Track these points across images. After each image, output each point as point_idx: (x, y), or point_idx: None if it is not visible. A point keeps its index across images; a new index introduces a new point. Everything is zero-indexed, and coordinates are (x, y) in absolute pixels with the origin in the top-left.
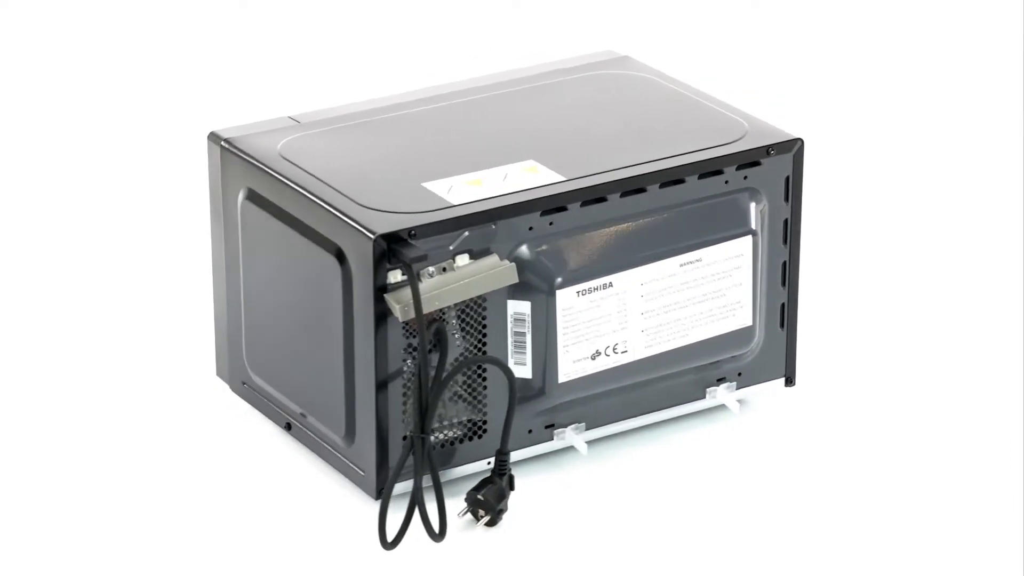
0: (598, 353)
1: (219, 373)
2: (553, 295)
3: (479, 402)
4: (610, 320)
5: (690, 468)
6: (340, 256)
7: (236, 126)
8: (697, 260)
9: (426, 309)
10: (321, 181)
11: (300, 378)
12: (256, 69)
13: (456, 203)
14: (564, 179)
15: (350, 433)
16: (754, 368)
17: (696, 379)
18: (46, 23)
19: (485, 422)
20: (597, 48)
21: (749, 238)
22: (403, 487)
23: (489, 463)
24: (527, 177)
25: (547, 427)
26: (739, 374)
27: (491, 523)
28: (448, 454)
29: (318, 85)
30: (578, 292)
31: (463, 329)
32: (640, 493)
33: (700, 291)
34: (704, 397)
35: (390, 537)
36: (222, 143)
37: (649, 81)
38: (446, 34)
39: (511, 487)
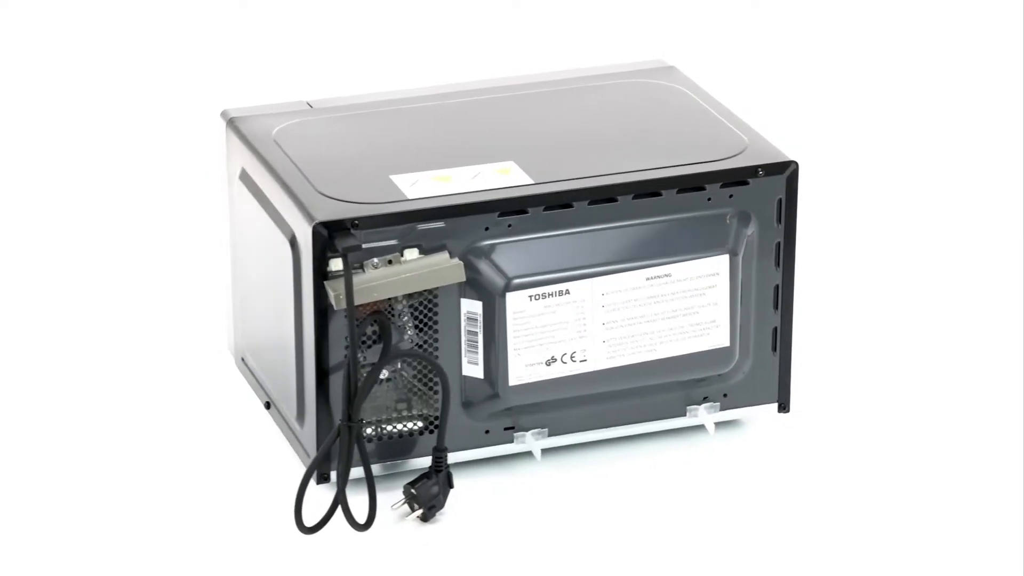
0: (553, 359)
1: (229, 347)
2: (503, 297)
3: (433, 397)
4: (567, 327)
5: (650, 486)
6: (293, 241)
7: (249, 106)
8: (666, 275)
9: (365, 300)
10: (296, 166)
11: (271, 360)
12: (308, 55)
13: (412, 197)
14: (532, 182)
15: (300, 417)
16: (742, 391)
17: (676, 396)
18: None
19: (437, 417)
20: (648, 57)
21: (725, 257)
22: (355, 472)
23: None
24: (496, 177)
25: (506, 429)
26: (725, 395)
27: (424, 518)
28: (405, 445)
29: (366, 73)
30: (531, 296)
31: (416, 325)
32: (588, 506)
33: (670, 307)
34: (685, 415)
35: (313, 522)
36: (227, 122)
37: (677, 92)
38: (498, 33)
39: (450, 484)
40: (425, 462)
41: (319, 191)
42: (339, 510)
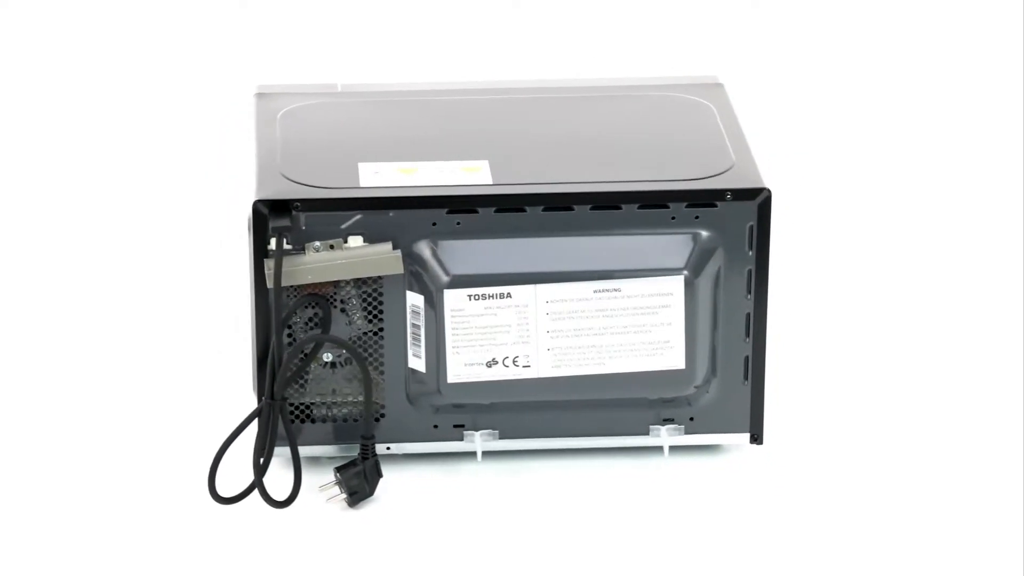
0: (495, 362)
1: None
2: (442, 294)
3: (382, 384)
4: (509, 331)
5: (587, 501)
6: (250, 219)
7: (280, 84)
8: (615, 290)
9: (298, 281)
10: (277, 146)
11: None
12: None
13: (364, 185)
14: (491, 183)
15: (256, 391)
16: (710, 417)
17: (638, 414)
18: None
19: (383, 406)
20: (704, 72)
21: (680, 278)
22: (314, 451)
23: (389, 448)
24: (461, 175)
25: (456, 426)
26: (691, 419)
27: (350, 503)
28: (350, 431)
29: (432, 64)
30: (470, 296)
31: (365, 315)
32: (517, 511)
33: (619, 322)
34: (648, 434)
35: (230, 493)
36: (254, 98)
37: (701, 109)
38: (568, 38)
39: (378, 473)
40: (379, 447)
41: (281, 171)
42: (255, 486)
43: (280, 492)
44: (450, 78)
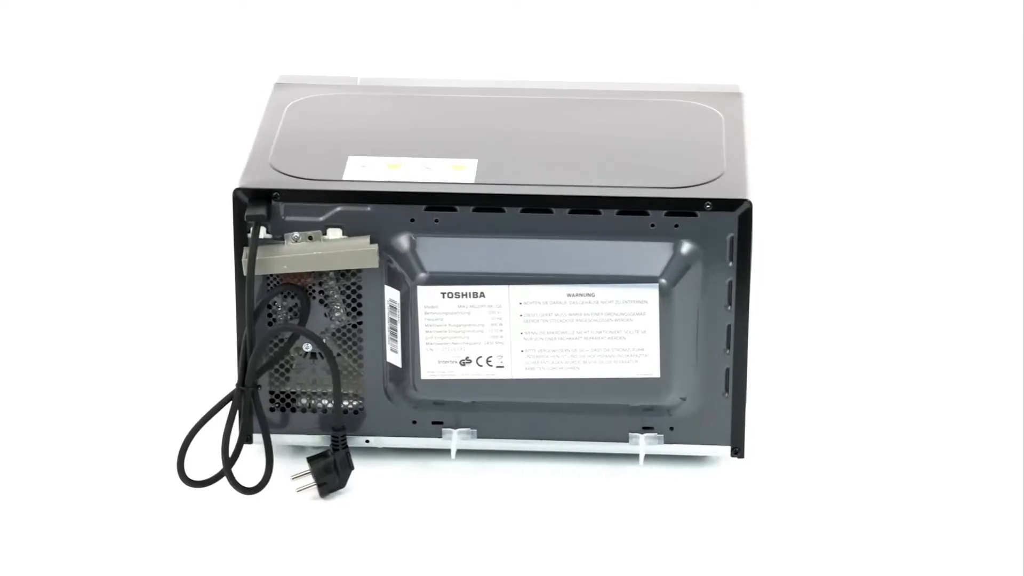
0: (468, 360)
1: None
2: (415, 290)
3: (356, 378)
4: (482, 331)
5: (557, 506)
6: None
7: (302, 76)
8: (589, 295)
9: (273, 271)
10: (275, 138)
11: None
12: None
13: (346, 179)
14: (472, 182)
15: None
16: (690, 428)
17: (617, 420)
18: None
19: (362, 398)
20: (731, 80)
21: (655, 287)
22: (297, 440)
23: (367, 441)
24: (445, 172)
25: (434, 423)
26: (671, 428)
27: (320, 493)
28: (325, 421)
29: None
30: (444, 293)
31: (345, 308)
32: (483, 511)
33: (593, 327)
34: (627, 441)
35: (199, 476)
36: (272, 88)
37: (710, 117)
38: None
39: (350, 465)
40: (358, 440)
41: (270, 162)
42: (224, 474)
43: (255, 479)
44: (475, 76)
